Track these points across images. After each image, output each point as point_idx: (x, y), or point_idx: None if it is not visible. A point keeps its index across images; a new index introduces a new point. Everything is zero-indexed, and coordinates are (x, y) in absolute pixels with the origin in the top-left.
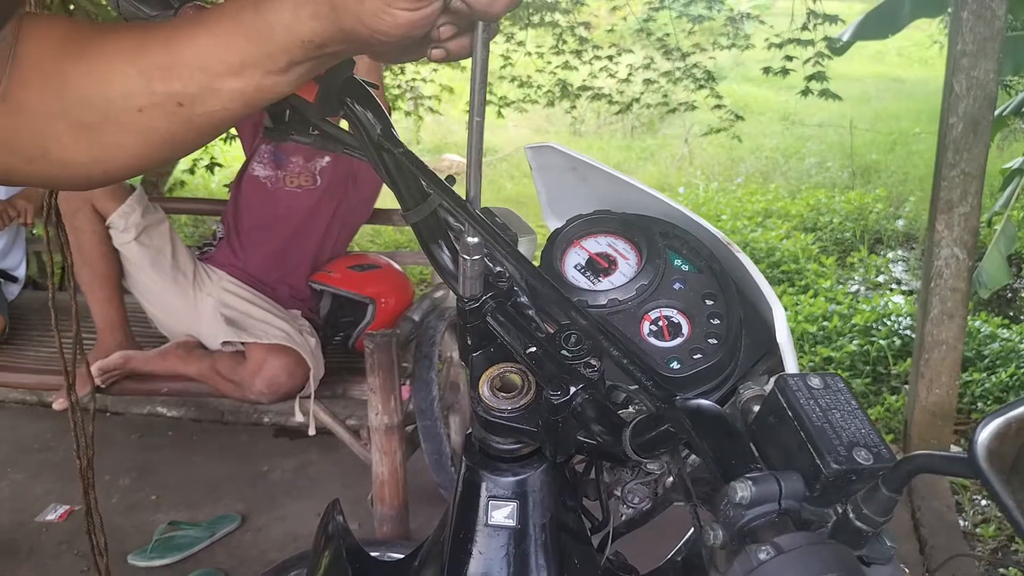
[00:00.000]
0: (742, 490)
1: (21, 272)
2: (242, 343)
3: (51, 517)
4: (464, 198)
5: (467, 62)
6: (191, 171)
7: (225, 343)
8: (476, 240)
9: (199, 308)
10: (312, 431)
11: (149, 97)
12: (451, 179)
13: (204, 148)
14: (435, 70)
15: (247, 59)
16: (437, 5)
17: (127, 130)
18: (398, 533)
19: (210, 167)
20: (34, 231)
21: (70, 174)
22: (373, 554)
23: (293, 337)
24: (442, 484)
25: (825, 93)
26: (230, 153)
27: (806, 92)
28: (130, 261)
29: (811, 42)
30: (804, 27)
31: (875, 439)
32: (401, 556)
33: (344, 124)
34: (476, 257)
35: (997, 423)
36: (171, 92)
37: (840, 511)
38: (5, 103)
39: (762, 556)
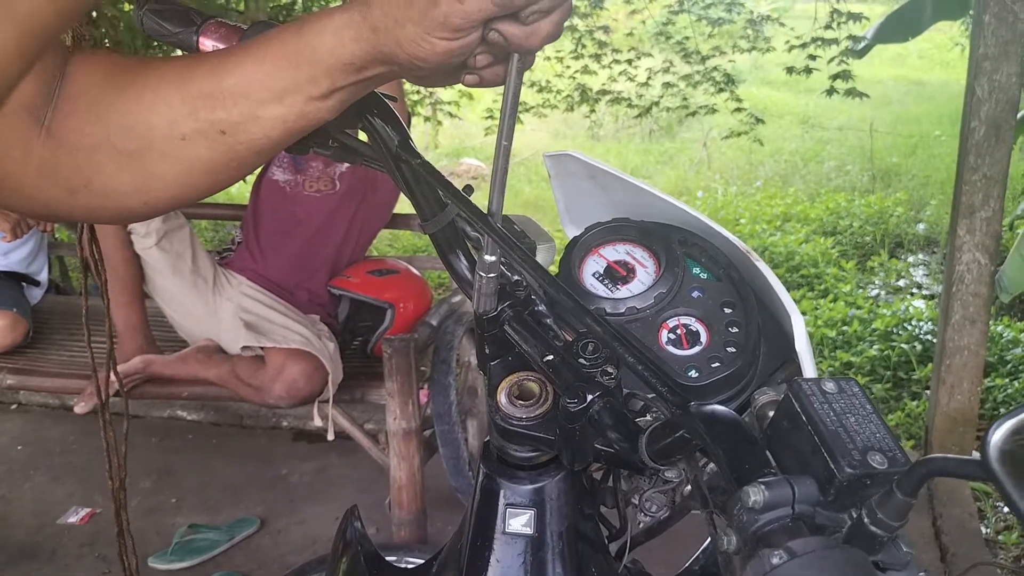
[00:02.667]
0: (755, 495)
1: (44, 277)
2: (261, 348)
3: (73, 519)
4: (484, 211)
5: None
6: None
7: (245, 348)
8: (493, 259)
9: (219, 313)
10: (331, 435)
11: (193, 125)
12: (468, 188)
13: None
14: None
15: (289, 85)
16: (475, 36)
17: (170, 159)
18: (416, 537)
19: None
20: (56, 236)
21: (111, 205)
22: (390, 559)
23: (312, 342)
24: (460, 488)
25: (851, 92)
26: None
27: (831, 91)
28: (151, 266)
29: (835, 41)
30: (828, 26)
31: (890, 443)
32: (419, 561)
33: (363, 136)
34: (492, 275)
35: (1009, 425)
36: (214, 120)
37: (855, 516)
38: (50, 135)
39: (775, 560)
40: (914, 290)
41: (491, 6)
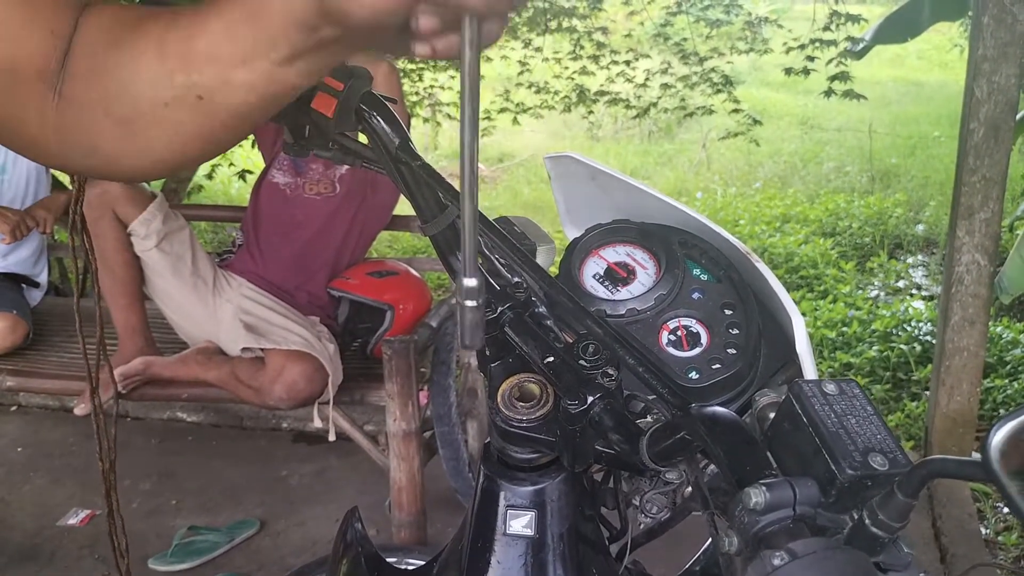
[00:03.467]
0: (756, 496)
1: (43, 278)
2: (261, 349)
3: (72, 521)
4: (484, 213)
5: (486, 71)
6: (209, 176)
7: (244, 349)
8: (473, 283)
9: (219, 314)
10: (332, 437)
11: (171, 90)
12: None
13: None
14: (452, 76)
15: (250, 48)
16: None
17: (159, 126)
18: (416, 539)
19: (241, 175)
20: (55, 237)
21: (125, 166)
22: (391, 560)
23: (312, 343)
24: (460, 490)
25: (849, 93)
26: (258, 158)
27: (829, 93)
28: (151, 268)
29: (833, 42)
30: (826, 27)
31: (891, 444)
32: (419, 563)
33: (363, 138)
34: (473, 303)
35: (1011, 426)
36: (189, 84)
37: (856, 517)
38: (62, 99)
39: (776, 562)
40: (913, 291)
41: None
